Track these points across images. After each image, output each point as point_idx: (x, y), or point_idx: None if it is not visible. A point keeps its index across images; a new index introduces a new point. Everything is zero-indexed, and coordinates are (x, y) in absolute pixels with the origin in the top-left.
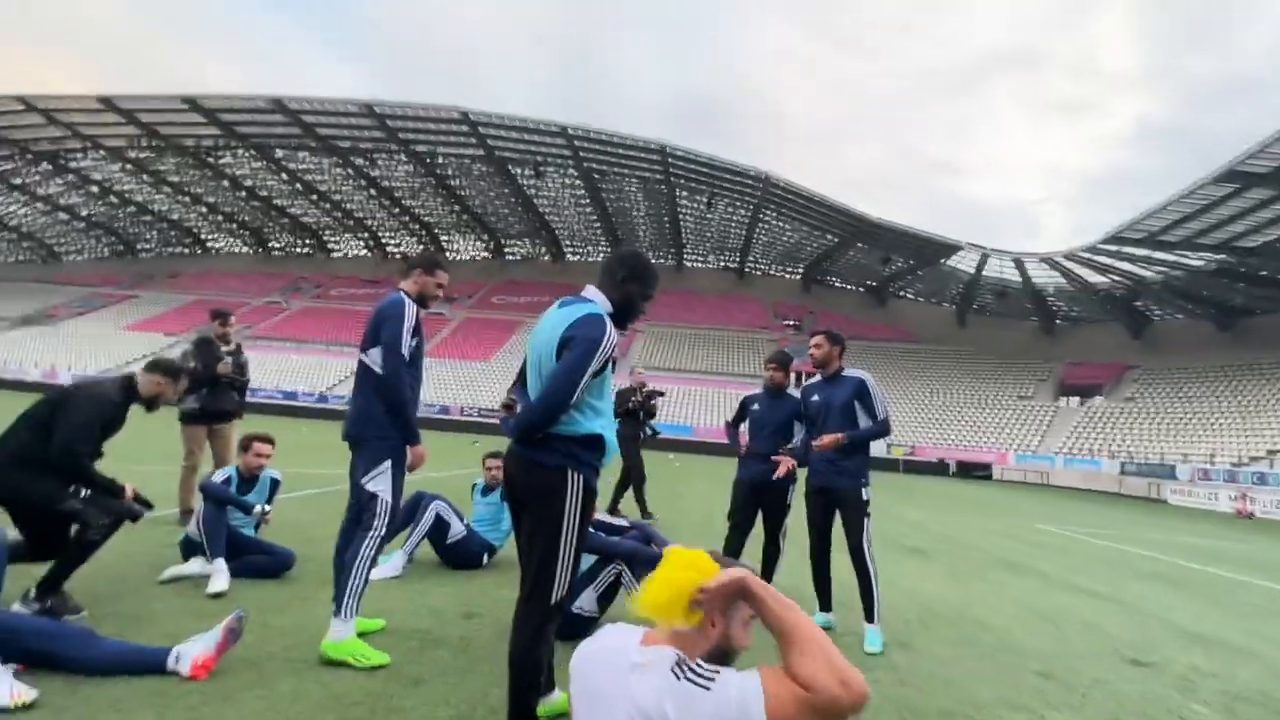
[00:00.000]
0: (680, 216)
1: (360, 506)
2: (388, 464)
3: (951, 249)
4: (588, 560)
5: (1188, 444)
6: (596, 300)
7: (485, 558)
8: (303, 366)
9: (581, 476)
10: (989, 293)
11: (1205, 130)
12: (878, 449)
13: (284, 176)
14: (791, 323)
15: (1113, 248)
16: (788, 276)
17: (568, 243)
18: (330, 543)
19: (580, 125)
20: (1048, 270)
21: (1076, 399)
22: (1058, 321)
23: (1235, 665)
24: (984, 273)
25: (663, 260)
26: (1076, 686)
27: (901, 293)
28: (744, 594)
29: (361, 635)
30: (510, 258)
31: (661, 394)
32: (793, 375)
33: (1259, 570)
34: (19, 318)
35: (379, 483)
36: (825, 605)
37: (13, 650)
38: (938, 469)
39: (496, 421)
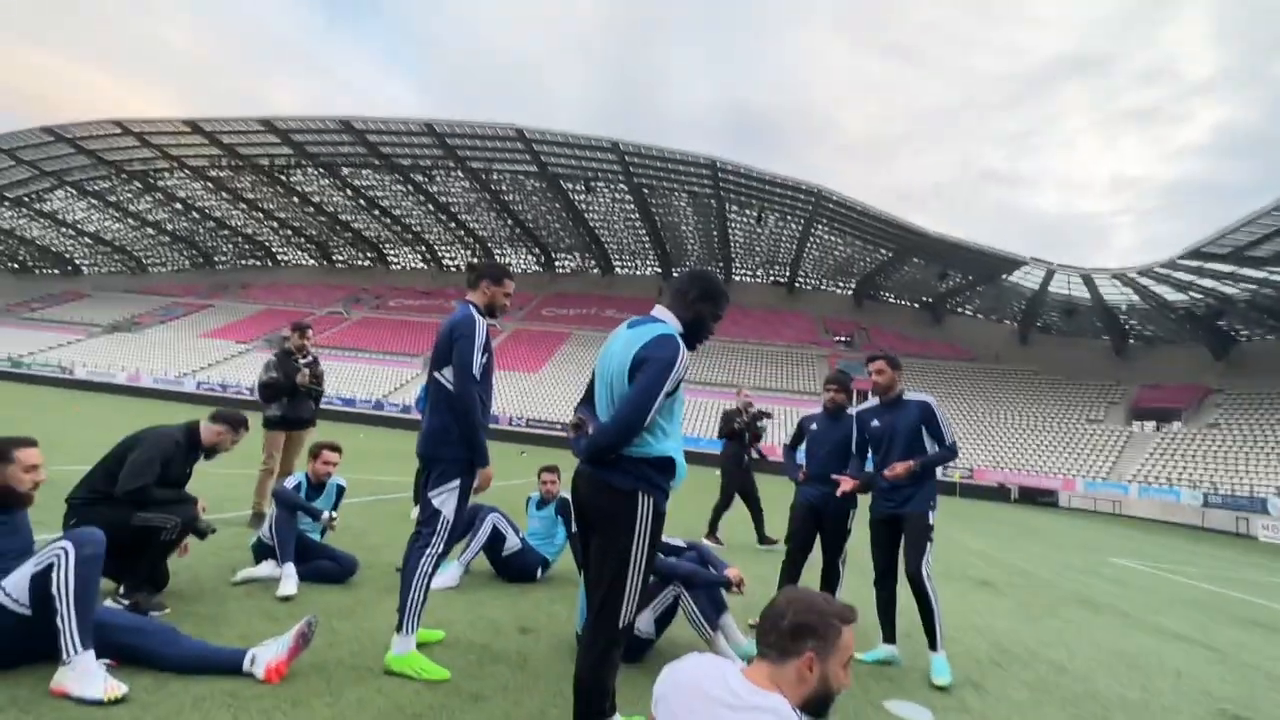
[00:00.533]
0: (730, 231)
1: (423, 521)
2: (456, 483)
3: (1014, 264)
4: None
5: (1279, 475)
6: (667, 320)
7: (540, 571)
8: (361, 374)
9: (652, 500)
10: (1054, 310)
11: None
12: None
13: (348, 193)
14: (843, 339)
15: (1194, 263)
16: (839, 291)
17: (616, 257)
18: (388, 550)
19: (631, 141)
20: (1120, 287)
21: (1152, 423)
22: (1130, 341)
23: None
24: (1050, 289)
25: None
26: None
27: (959, 309)
28: None
29: (422, 645)
30: (560, 271)
31: (769, 415)
32: (854, 394)
33: None
34: (109, 324)
35: (445, 500)
36: (889, 637)
37: (107, 645)
38: (998, 494)
39: (546, 433)
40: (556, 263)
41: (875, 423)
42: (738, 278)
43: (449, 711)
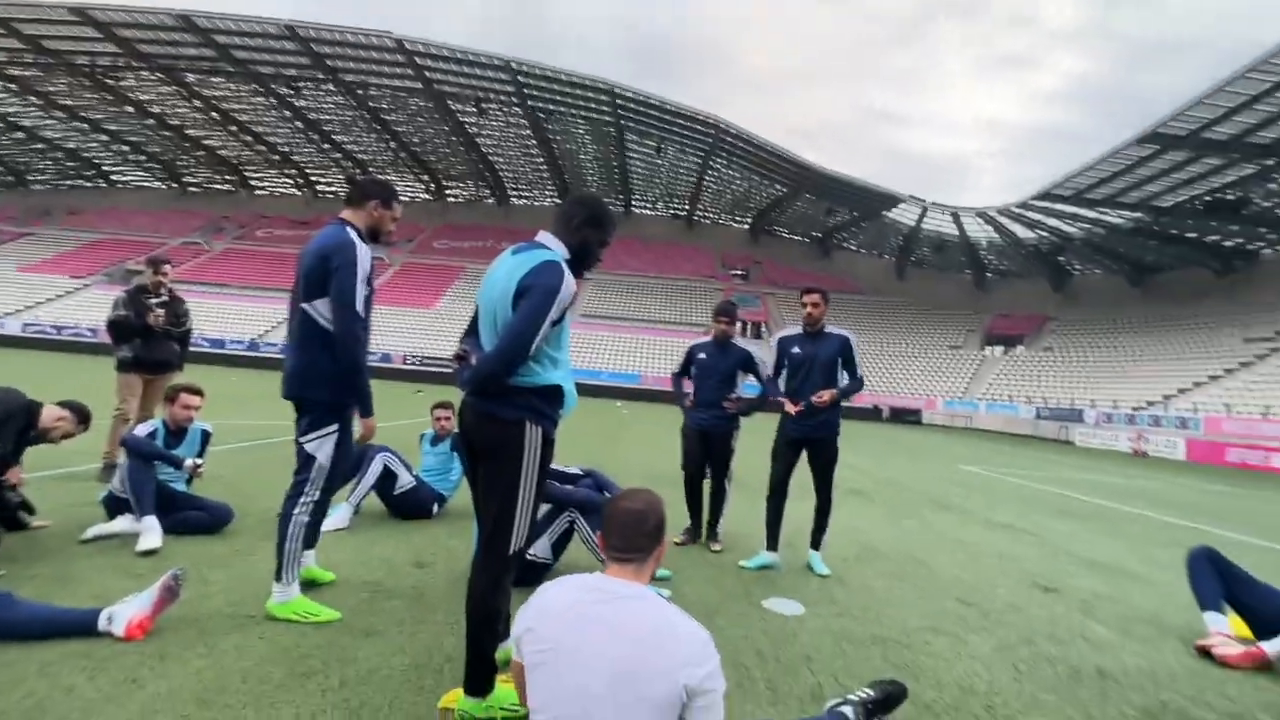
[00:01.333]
0: (629, 161)
1: (297, 469)
2: (334, 428)
3: (893, 201)
4: (542, 507)
5: (1096, 390)
6: (552, 246)
7: (435, 508)
8: (228, 312)
9: (540, 429)
10: (927, 245)
11: (1138, 90)
12: None
13: (197, 104)
14: (739, 272)
15: (1043, 204)
16: (736, 225)
17: (512, 186)
18: (265, 496)
19: (526, 61)
20: (982, 224)
21: (1000, 348)
22: (988, 275)
23: (1130, 590)
24: (923, 225)
25: (611, 205)
26: (992, 611)
27: (845, 244)
28: None
29: (311, 588)
30: (452, 200)
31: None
32: (738, 325)
33: (1151, 504)
34: None
35: (319, 446)
36: (773, 545)
37: None
38: (873, 415)
39: (442, 370)
40: (448, 192)
41: (796, 349)
42: (638, 209)
43: (339, 649)
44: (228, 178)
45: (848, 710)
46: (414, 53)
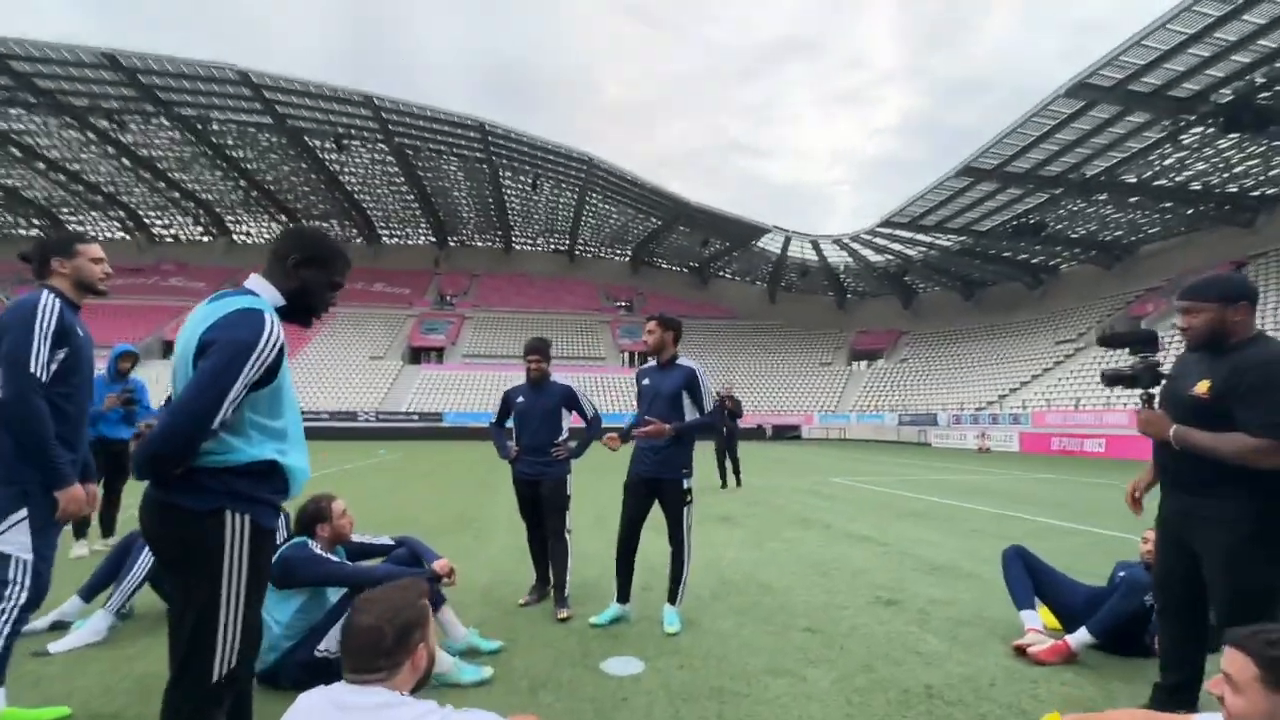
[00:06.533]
0: (505, 198)
1: None
2: (22, 514)
3: (760, 231)
4: (337, 593)
5: (945, 395)
6: (261, 292)
7: None
8: None
9: (246, 517)
10: (793, 271)
11: (952, 123)
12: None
13: None
14: (622, 304)
15: (886, 230)
16: (617, 258)
17: (383, 225)
18: None
19: (388, 96)
20: (838, 250)
21: (864, 363)
22: (848, 296)
23: (959, 590)
24: (789, 253)
25: (490, 243)
26: (836, 637)
27: (721, 273)
28: None
29: None
30: None
31: (737, 399)
32: (543, 366)
33: (985, 497)
34: None
35: (9, 538)
36: (623, 596)
37: None
38: (756, 434)
39: (311, 425)
40: None
41: (645, 381)
42: (518, 246)
43: None
44: (34, 222)
45: None
46: (262, 86)
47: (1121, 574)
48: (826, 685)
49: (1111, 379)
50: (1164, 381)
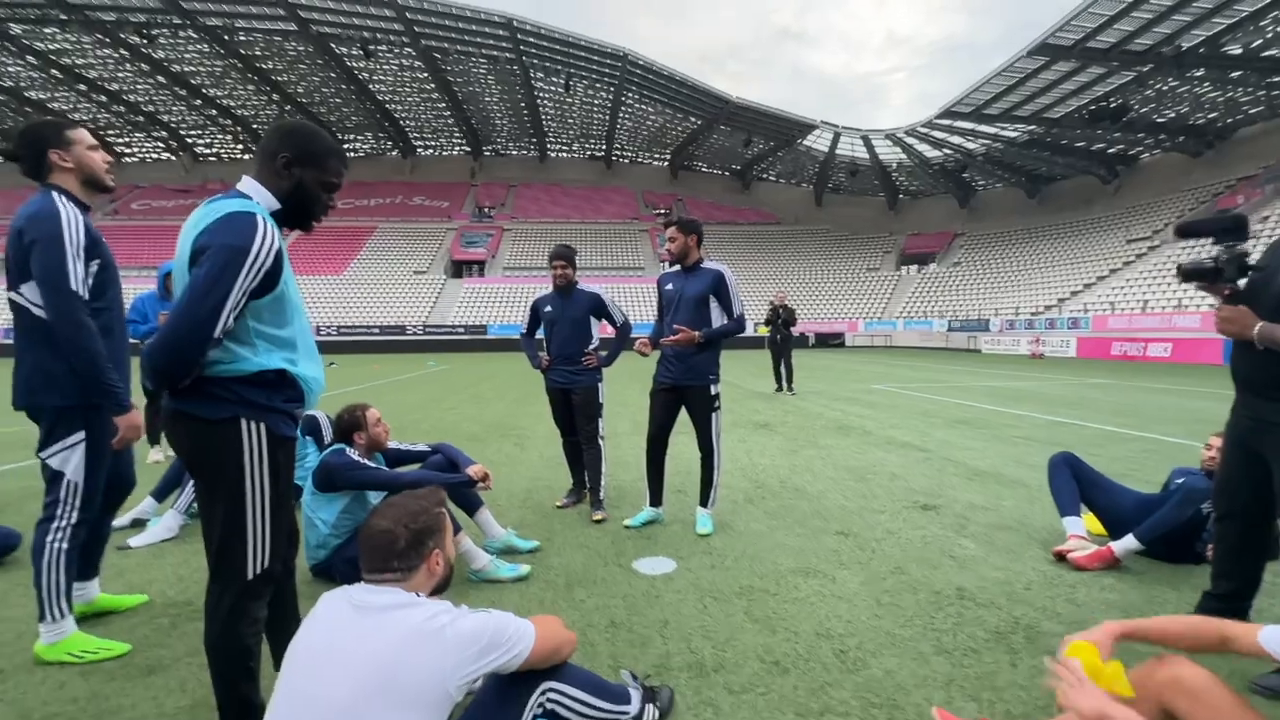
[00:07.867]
0: (539, 102)
1: (46, 489)
2: (80, 436)
3: (807, 128)
4: (379, 496)
5: (1000, 300)
6: (252, 194)
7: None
8: None
9: (263, 425)
10: (841, 171)
11: None
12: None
13: (30, 60)
14: (661, 211)
15: (946, 122)
16: (655, 163)
17: (417, 136)
18: None
19: None
20: (891, 146)
21: (915, 267)
22: (900, 196)
23: (1002, 497)
24: (837, 151)
25: (525, 151)
26: (869, 541)
27: (764, 175)
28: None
29: (116, 614)
30: (351, 155)
31: (792, 309)
32: (569, 272)
33: (1037, 403)
34: None
35: (65, 459)
36: (656, 500)
37: None
38: (799, 342)
39: (365, 339)
40: (346, 146)
41: (669, 287)
42: (554, 153)
43: (103, 698)
44: None
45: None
46: None
47: (1179, 480)
48: (855, 586)
49: (1190, 273)
50: (1251, 274)
